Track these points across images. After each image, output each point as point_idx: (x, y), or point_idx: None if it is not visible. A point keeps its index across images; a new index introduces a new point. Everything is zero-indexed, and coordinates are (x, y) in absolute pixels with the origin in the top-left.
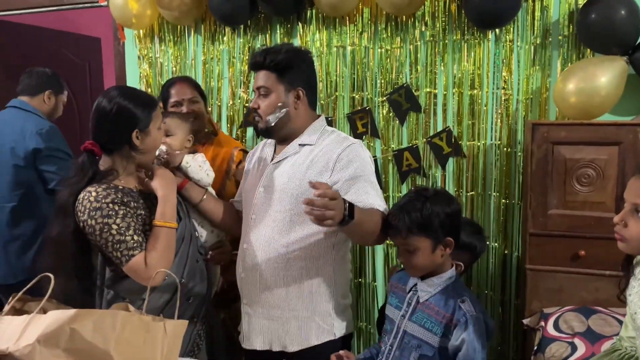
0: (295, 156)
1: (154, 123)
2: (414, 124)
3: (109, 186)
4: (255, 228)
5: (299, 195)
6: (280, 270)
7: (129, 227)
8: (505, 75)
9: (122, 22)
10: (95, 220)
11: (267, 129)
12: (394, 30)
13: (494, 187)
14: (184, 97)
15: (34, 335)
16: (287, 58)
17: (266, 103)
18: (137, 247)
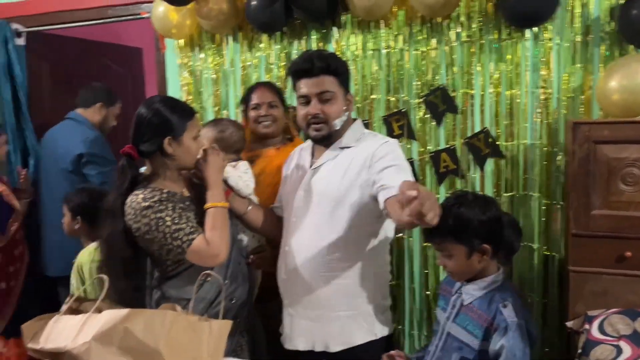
0: (335, 159)
1: (189, 133)
2: (451, 125)
3: (154, 189)
4: (296, 231)
5: (339, 197)
6: (321, 271)
7: (182, 215)
8: (544, 74)
9: (163, 32)
10: (149, 218)
11: (329, 134)
12: (429, 32)
13: (534, 188)
14: (263, 101)
15: (90, 334)
16: (343, 63)
17: (334, 108)
18: (195, 231)
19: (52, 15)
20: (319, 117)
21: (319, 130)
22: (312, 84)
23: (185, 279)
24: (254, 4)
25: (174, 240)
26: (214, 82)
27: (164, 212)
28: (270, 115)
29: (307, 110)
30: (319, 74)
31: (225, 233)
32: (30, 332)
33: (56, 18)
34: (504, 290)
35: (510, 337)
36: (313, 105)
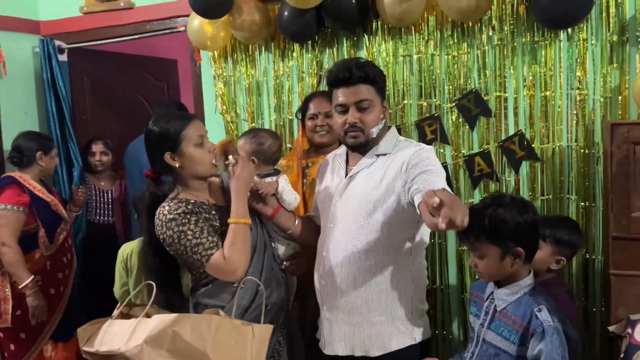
0: (371, 166)
1: (186, 142)
2: (485, 128)
3: (180, 200)
4: (334, 236)
5: (376, 203)
6: (360, 276)
7: (203, 230)
8: (579, 75)
9: (198, 44)
10: (172, 230)
11: (367, 142)
12: (461, 36)
13: (572, 190)
14: (320, 111)
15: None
16: (380, 71)
17: (371, 116)
18: (214, 247)
19: (93, 31)
20: (357, 125)
21: (356, 138)
22: (349, 93)
23: (217, 286)
24: (286, 14)
25: (194, 254)
26: (247, 91)
27: (186, 225)
28: (326, 125)
29: (344, 118)
30: (356, 82)
31: (245, 250)
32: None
33: (96, 34)
34: (536, 294)
35: (549, 341)
36: (351, 114)
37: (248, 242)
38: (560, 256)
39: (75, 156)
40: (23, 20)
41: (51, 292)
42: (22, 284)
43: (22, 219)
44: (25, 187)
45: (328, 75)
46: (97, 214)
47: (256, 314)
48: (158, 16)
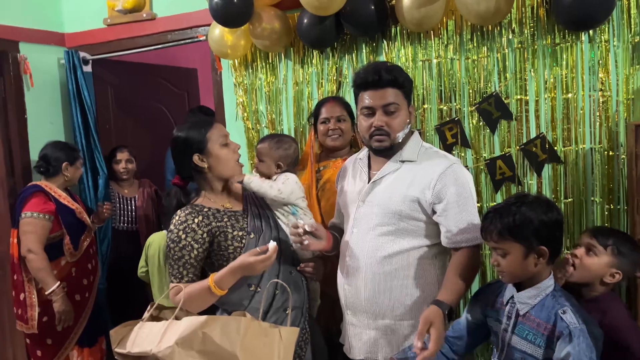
0: (396, 172)
1: (212, 143)
2: (506, 132)
3: (194, 210)
4: (358, 241)
5: (403, 210)
6: (384, 280)
7: (181, 258)
8: (602, 76)
9: (219, 53)
10: (167, 240)
11: (392, 146)
12: (480, 40)
13: (596, 193)
14: (332, 115)
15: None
16: (408, 76)
17: (398, 120)
18: (177, 277)
19: (116, 42)
20: (383, 129)
21: (381, 142)
22: (377, 96)
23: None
24: (305, 21)
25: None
26: (267, 98)
27: (174, 242)
28: (338, 129)
29: (370, 121)
30: (385, 86)
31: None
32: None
33: (119, 45)
34: (558, 295)
35: (576, 343)
36: (378, 118)
37: (206, 304)
38: (617, 269)
39: (100, 165)
40: (49, 32)
41: (76, 299)
42: (48, 290)
43: (48, 227)
44: (51, 195)
45: (356, 77)
46: (122, 221)
47: (274, 318)
48: (179, 26)
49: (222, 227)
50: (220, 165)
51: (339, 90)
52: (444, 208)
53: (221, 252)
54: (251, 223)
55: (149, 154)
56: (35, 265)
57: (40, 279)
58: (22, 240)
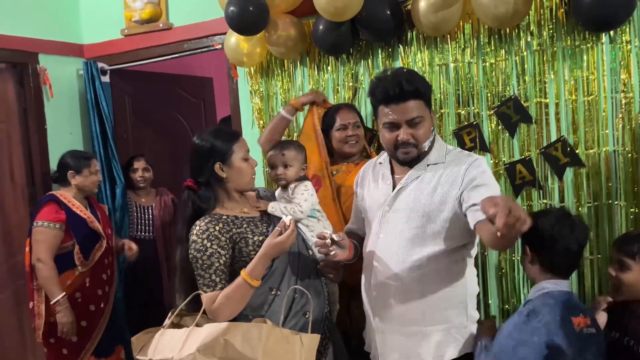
0: (422, 175)
1: (236, 155)
2: (525, 135)
3: (213, 218)
4: (385, 246)
5: (431, 212)
6: (415, 285)
7: (211, 266)
8: (624, 77)
9: (234, 61)
10: (192, 251)
11: (419, 156)
12: (498, 43)
13: (620, 196)
14: (349, 121)
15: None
16: (427, 82)
17: (423, 130)
18: (211, 286)
19: (133, 52)
20: (410, 142)
21: (408, 154)
22: (401, 110)
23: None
24: (321, 28)
25: (197, 281)
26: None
27: (201, 252)
28: (356, 135)
29: (395, 134)
30: (407, 99)
31: (236, 308)
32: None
33: (137, 55)
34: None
35: None
36: (403, 132)
37: (245, 301)
38: None
39: (117, 174)
40: (68, 44)
41: (91, 309)
42: (53, 300)
43: (59, 236)
44: (63, 204)
45: (374, 89)
46: (139, 230)
47: (294, 322)
48: (195, 35)
49: (242, 233)
50: (239, 178)
51: (355, 96)
52: (470, 188)
53: (243, 258)
54: (271, 228)
55: (166, 163)
56: (42, 275)
57: (47, 288)
58: (33, 249)
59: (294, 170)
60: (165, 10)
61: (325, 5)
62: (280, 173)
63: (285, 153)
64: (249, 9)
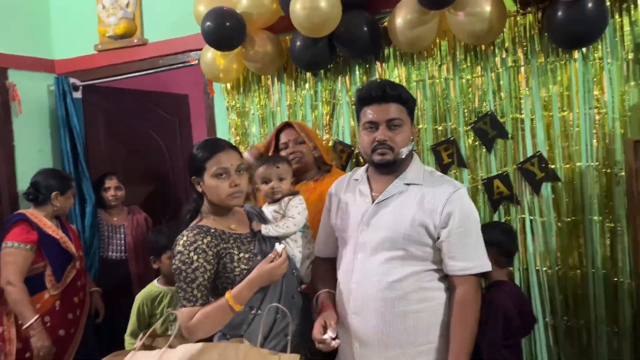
0: (402, 195)
1: (208, 171)
2: (502, 151)
3: (201, 230)
4: (363, 267)
5: (412, 234)
6: (397, 307)
7: (195, 280)
8: (597, 94)
9: (211, 77)
10: (176, 262)
11: (394, 161)
12: (474, 60)
13: (595, 211)
14: (290, 138)
15: None
16: (411, 95)
17: (402, 136)
18: (192, 301)
19: (107, 68)
20: (386, 143)
21: (383, 155)
22: (381, 111)
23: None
24: (298, 44)
25: (177, 293)
26: (260, 122)
27: (186, 264)
28: (298, 152)
29: (374, 135)
30: (389, 101)
31: (212, 329)
32: None
33: (111, 71)
34: None
35: None
36: (381, 132)
37: (223, 323)
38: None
39: (88, 192)
40: (38, 59)
41: (60, 334)
42: (26, 323)
43: (30, 257)
44: (34, 224)
45: (359, 92)
46: (110, 250)
47: (274, 343)
48: (171, 51)
49: (229, 248)
50: (213, 194)
51: (333, 112)
52: (448, 233)
53: (227, 274)
54: (258, 246)
55: (140, 181)
56: (13, 298)
57: (18, 311)
58: (2, 271)
59: (287, 183)
60: (140, 25)
61: (303, 21)
62: (275, 186)
63: (280, 166)
64: (225, 24)
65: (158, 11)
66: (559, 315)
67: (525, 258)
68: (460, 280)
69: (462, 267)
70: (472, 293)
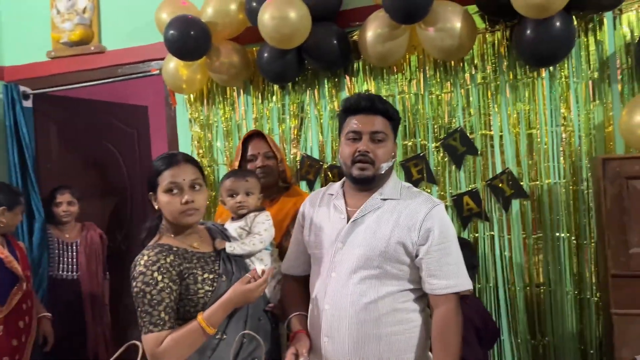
0: (378, 211)
1: (160, 187)
2: (471, 167)
3: (163, 248)
4: (338, 287)
5: (389, 252)
6: (372, 327)
7: (162, 302)
8: (564, 112)
9: (173, 87)
10: (137, 284)
11: (374, 177)
12: (444, 76)
13: (563, 228)
14: (259, 151)
15: None
16: (397, 112)
17: (384, 150)
18: (159, 325)
19: (61, 76)
20: (368, 156)
21: (363, 170)
22: (367, 121)
23: None
24: (266, 56)
25: (140, 318)
26: (225, 134)
27: (150, 286)
28: (267, 166)
29: (356, 146)
30: (376, 113)
31: (183, 353)
32: None
33: (65, 79)
34: None
35: None
36: (364, 143)
37: (194, 348)
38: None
39: (37, 207)
40: None
41: None
42: None
43: None
44: None
45: (346, 101)
46: (61, 269)
47: None
48: (131, 60)
49: (192, 268)
50: (165, 211)
51: (301, 126)
52: (426, 250)
53: (189, 296)
54: (222, 265)
55: (96, 196)
56: None
57: None
58: None
59: (255, 198)
60: (98, 32)
61: (271, 31)
62: (242, 200)
63: (249, 180)
64: (190, 33)
65: (117, 18)
66: (526, 332)
67: (494, 275)
68: (441, 300)
69: (443, 286)
70: (454, 312)
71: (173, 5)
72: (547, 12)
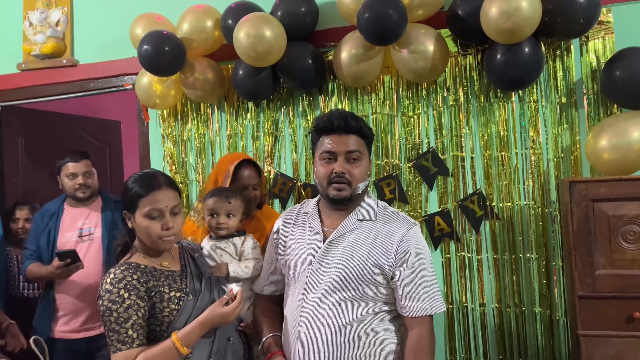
0: (355, 232)
1: (140, 210)
2: (443, 188)
3: (130, 266)
4: (314, 309)
5: (364, 274)
6: (349, 349)
7: (128, 319)
8: (532, 135)
9: (146, 103)
10: (104, 302)
11: (351, 197)
12: (416, 97)
13: (532, 249)
14: (250, 183)
15: None
16: (370, 129)
17: (360, 170)
18: (127, 343)
19: (31, 89)
20: (345, 177)
21: (340, 191)
22: (341, 142)
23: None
24: (240, 73)
25: (108, 337)
26: (198, 151)
27: (117, 304)
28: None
29: (331, 167)
30: (350, 132)
31: None
32: None
33: (35, 92)
34: None
35: None
36: (339, 164)
37: None
38: None
39: None
40: None
41: None
42: None
43: None
44: None
45: (318, 120)
46: (22, 287)
47: None
48: (104, 74)
49: (159, 286)
50: (141, 234)
51: (275, 144)
52: (402, 273)
53: (155, 315)
54: (190, 284)
55: None
56: None
57: None
58: None
59: (236, 221)
60: (71, 45)
61: (247, 49)
62: (222, 222)
63: (232, 201)
64: (164, 49)
65: (91, 31)
66: (497, 353)
67: (465, 296)
68: (415, 322)
69: (418, 308)
70: (427, 335)
71: (148, 20)
72: (516, 37)
